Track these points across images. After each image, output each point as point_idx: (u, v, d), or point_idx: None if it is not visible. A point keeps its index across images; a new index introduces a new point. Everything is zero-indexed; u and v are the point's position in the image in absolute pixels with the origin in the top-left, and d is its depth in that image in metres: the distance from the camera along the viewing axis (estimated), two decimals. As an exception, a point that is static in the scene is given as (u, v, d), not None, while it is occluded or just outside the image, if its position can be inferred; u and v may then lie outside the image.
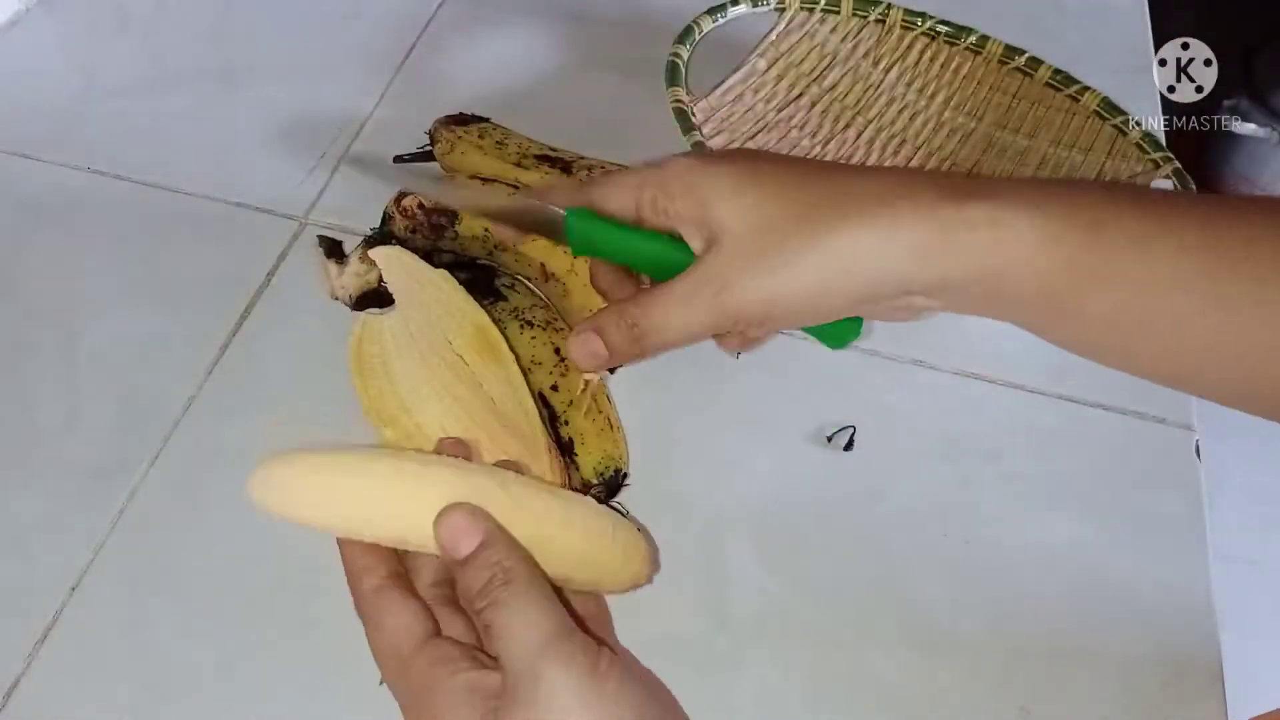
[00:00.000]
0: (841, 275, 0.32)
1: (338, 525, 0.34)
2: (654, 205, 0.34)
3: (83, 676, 0.41)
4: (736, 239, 0.33)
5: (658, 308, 0.34)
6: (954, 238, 0.31)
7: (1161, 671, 0.42)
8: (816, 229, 0.32)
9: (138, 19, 0.70)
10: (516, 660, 0.30)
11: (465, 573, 0.32)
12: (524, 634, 0.30)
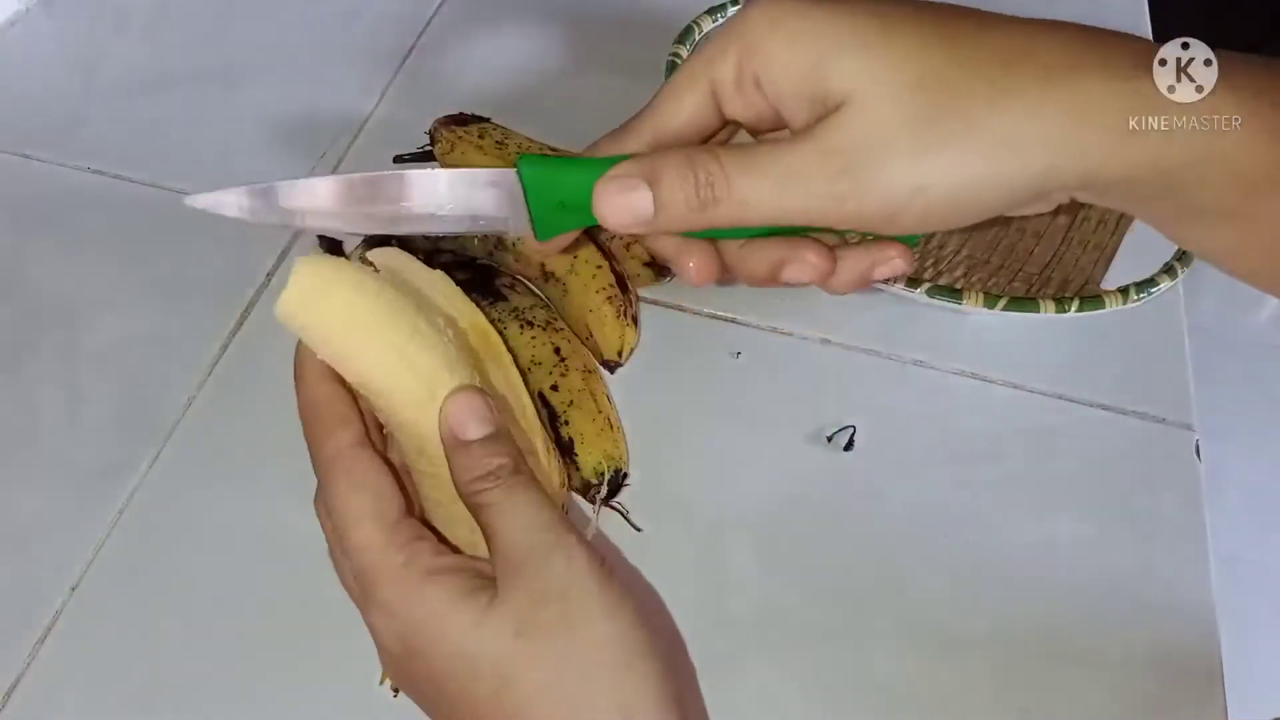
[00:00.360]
0: (1014, 162, 0.25)
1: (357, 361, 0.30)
2: (740, 80, 0.27)
3: (83, 676, 0.41)
4: (869, 106, 0.25)
5: (751, 175, 0.26)
6: (1157, 116, 0.25)
7: (1161, 671, 0.42)
8: (982, 99, 0.24)
9: (138, 19, 0.70)
10: (526, 533, 0.28)
11: (472, 454, 0.29)
12: (534, 513, 0.29)
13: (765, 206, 0.26)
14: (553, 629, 0.27)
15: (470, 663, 0.28)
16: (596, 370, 0.49)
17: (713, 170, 0.26)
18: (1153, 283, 0.49)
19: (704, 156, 0.26)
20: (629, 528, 0.45)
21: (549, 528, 0.28)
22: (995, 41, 0.25)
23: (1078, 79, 0.25)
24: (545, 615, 0.27)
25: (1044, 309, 0.48)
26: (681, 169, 0.27)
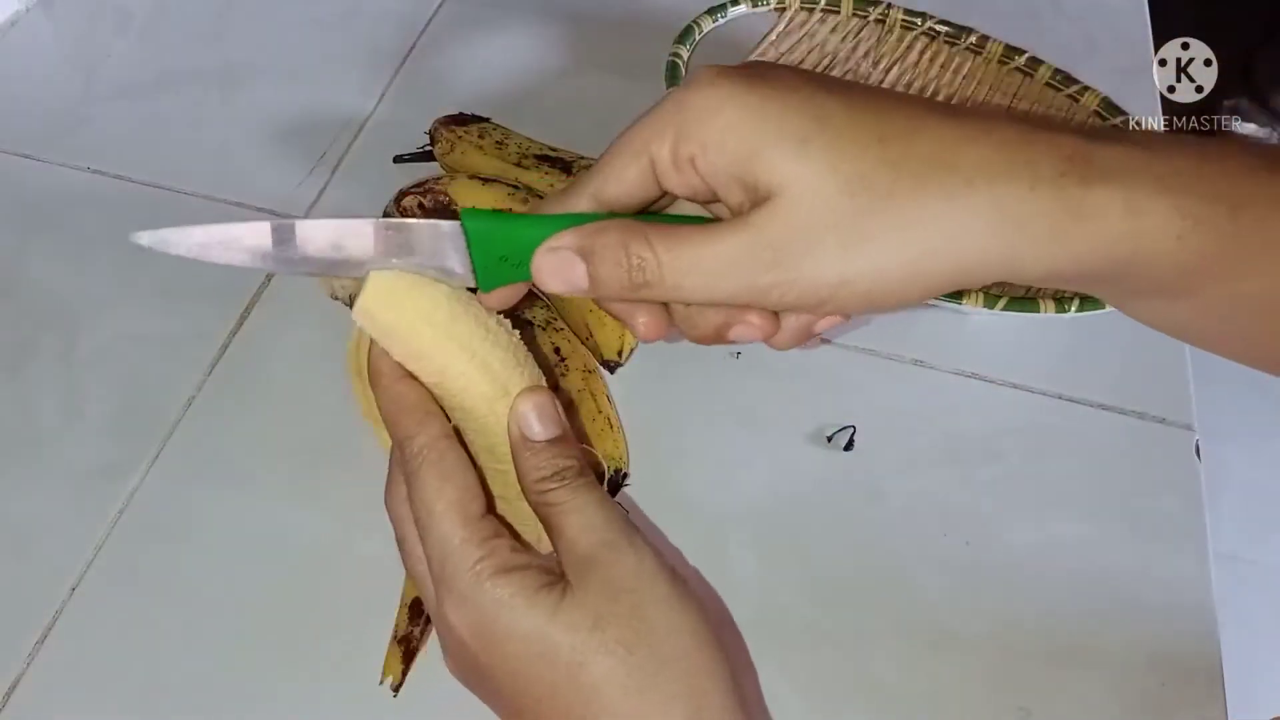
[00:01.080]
0: (936, 258, 0.26)
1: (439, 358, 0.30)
2: (677, 160, 0.27)
3: (83, 676, 0.41)
4: (800, 202, 0.26)
5: (681, 262, 0.27)
6: (1080, 224, 0.25)
7: (1161, 671, 0.42)
8: (908, 199, 0.25)
9: (138, 19, 0.70)
10: (596, 530, 0.29)
11: (540, 454, 0.30)
12: (602, 512, 0.30)
13: (696, 292, 0.27)
14: (627, 620, 0.28)
15: (547, 649, 0.28)
16: (596, 370, 0.49)
17: (645, 255, 0.27)
18: (1153, 283, 0.49)
19: (637, 240, 0.27)
20: (629, 528, 0.45)
21: (616, 526, 0.30)
22: (925, 144, 0.26)
23: (1000, 188, 0.25)
24: (619, 608, 0.28)
25: (1044, 309, 0.48)
26: (615, 250, 0.27)
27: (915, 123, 0.26)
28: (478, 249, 0.29)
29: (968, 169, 0.25)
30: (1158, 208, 0.25)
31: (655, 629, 0.28)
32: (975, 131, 0.26)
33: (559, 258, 0.28)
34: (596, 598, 0.29)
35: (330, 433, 0.48)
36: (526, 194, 0.50)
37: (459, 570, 0.29)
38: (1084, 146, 0.26)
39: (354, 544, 0.44)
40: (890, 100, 0.27)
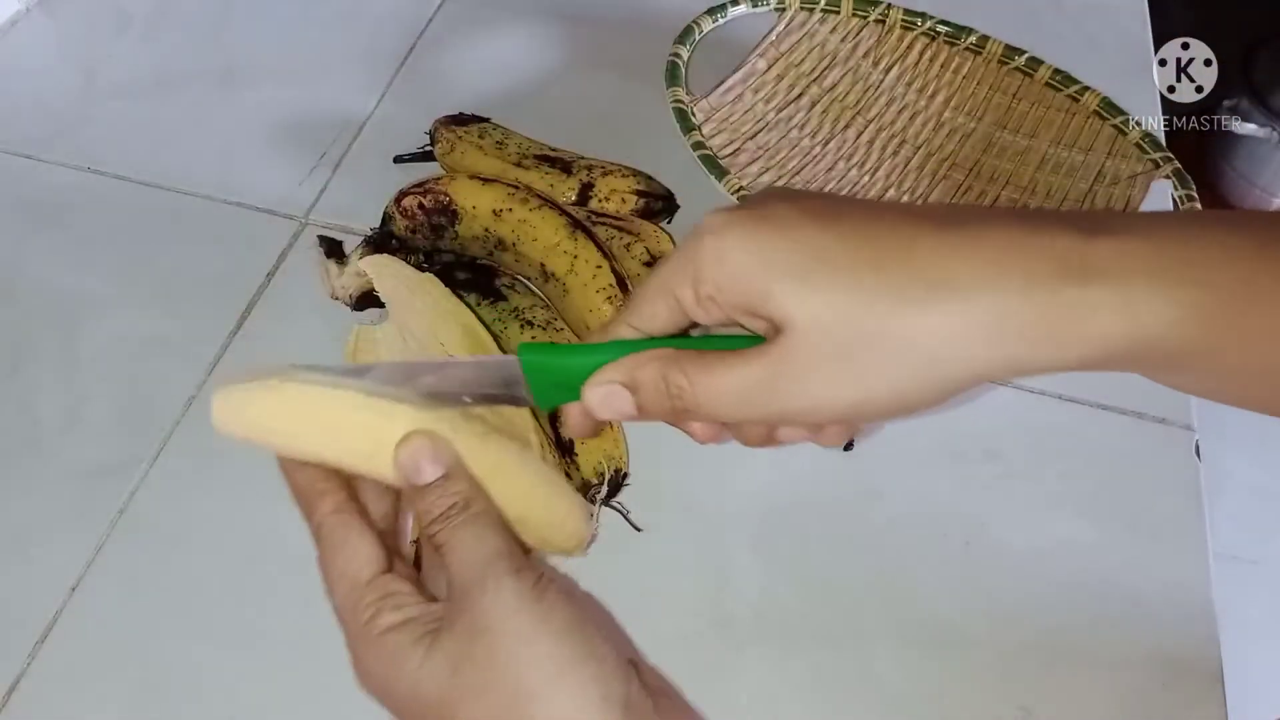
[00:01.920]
0: (939, 369, 0.28)
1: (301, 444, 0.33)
2: (699, 299, 0.29)
3: (83, 676, 0.41)
4: (808, 336, 0.28)
5: (715, 389, 0.29)
6: (1078, 326, 0.27)
7: (1161, 671, 0.42)
8: (909, 320, 0.27)
9: (138, 19, 0.70)
10: (466, 569, 0.30)
11: (425, 497, 0.32)
12: (476, 548, 0.31)
13: (730, 415, 0.30)
14: (483, 661, 0.29)
15: (421, 698, 0.30)
16: (596, 370, 0.49)
17: (681, 385, 0.30)
18: (1152, 283, 0.49)
19: (674, 372, 0.30)
20: (629, 528, 0.45)
21: (482, 563, 0.30)
22: (921, 263, 0.27)
23: (998, 299, 0.27)
24: (476, 649, 0.29)
25: (1044, 309, 0.48)
26: (656, 382, 0.30)
27: (909, 242, 0.28)
28: (533, 378, 0.32)
29: (964, 283, 0.27)
30: (1153, 302, 0.26)
31: (509, 667, 0.29)
32: (969, 242, 0.27)
33: (607, 390, 0.31)
34: (457, 642, 0.30)
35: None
36: (526, 194, 0.50)
37: (349, 634, 0.32)
38: (1079, 246, 0.27)
39: (354, 544, 0.44)
40: (885, 222, 0.28)
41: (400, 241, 0.52)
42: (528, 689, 0.29)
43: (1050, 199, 0.58)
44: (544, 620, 0.30)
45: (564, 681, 0.29)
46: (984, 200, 0.59)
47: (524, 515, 0.34)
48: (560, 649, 0.29)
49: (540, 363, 0.31)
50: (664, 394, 0.30)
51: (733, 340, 0.30)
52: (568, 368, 0.31)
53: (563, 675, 0.29)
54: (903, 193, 0.60)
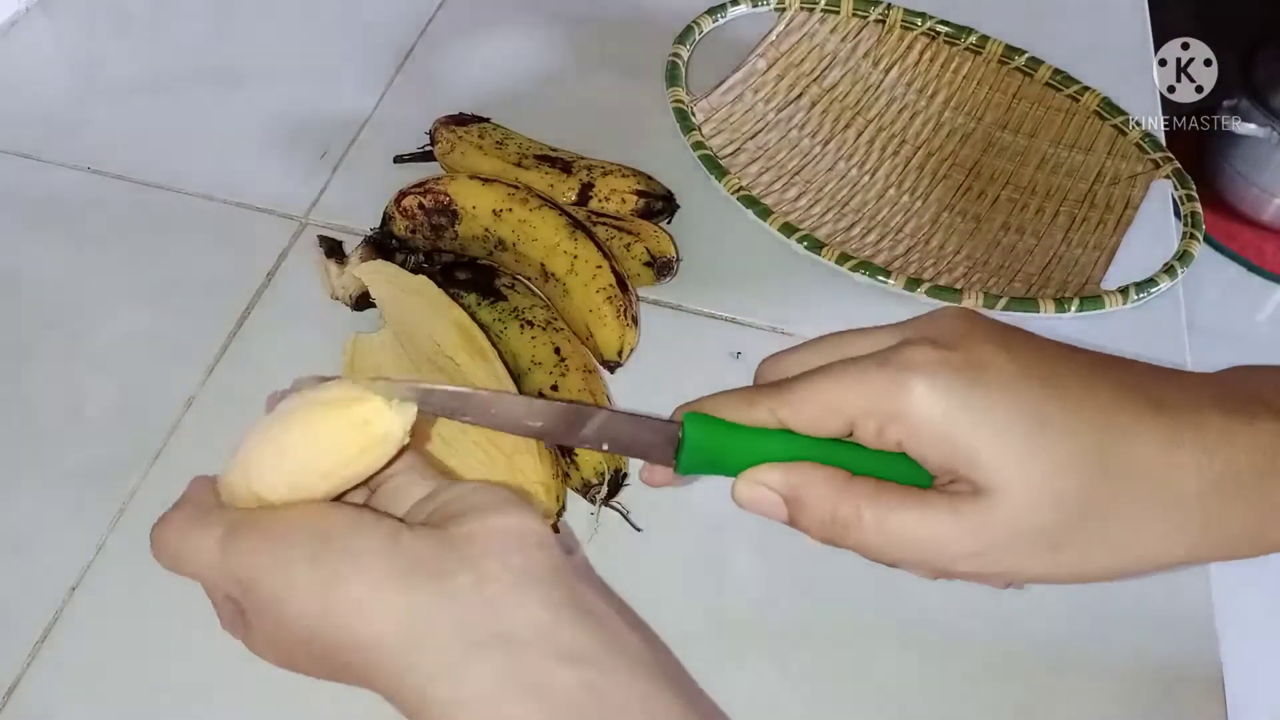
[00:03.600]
0: (1139, 562, 0.27)
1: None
2: (881, 436, 0.27)
3: (83, 676, 0.41)
4: (1015, 509, 0.26)
5: (890, 533, 0.28)
6: (1269, 526, 0.27)
7: (1161, 672, 0.42)
8: (1120, 516, 0.27)
9: (138, 19, 0.70)
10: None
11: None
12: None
13: (896, 560, 0.29)
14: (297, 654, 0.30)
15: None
16: (596, 370, 0.49)
17: (851, 522, 0.28)
18: (1152, 283, 0.49)
19: (847, 505, 0.28)
20: (629, 528, 0.45)
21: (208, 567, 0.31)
22: (1138, 457, 0.26)
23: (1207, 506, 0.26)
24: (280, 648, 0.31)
25: (1044, 309, 0.48)
26: (821, 508, 0.28)
27: (1128, 427, 0.27)
28: (688, 448, 0.30)
29: (1176, 483, 0.26)
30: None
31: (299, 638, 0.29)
32: (1182, 433, 0.27)
33: (762, 494, 0.29)
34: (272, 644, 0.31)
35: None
36: (526, 194, 0.50)
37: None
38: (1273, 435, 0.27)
39: (354, 544, 0.44)
40: (1106, 398, 0.27)
41: (400, 241, 0.52)
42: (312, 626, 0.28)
43: (1050, 199, 0.59)
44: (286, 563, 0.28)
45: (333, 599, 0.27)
46: (983, 200, 0.60)
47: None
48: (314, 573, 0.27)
49: (702, 439, 0.29)
50: (827, 523, 0.28)
51: (902, 468, 0.28)
52: (728, 446, 0.29)
53: (328, 594, 0.27)
54: (903, 192, 0.60)
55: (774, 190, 0.59)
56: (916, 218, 0.59)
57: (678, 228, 0.56)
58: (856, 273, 0.49)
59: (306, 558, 0.28)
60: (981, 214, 0.59)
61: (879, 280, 0.49)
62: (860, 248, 0.57)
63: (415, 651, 0.26)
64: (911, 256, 0.57)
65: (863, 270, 0.49)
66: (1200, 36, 0.61)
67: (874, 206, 0.60)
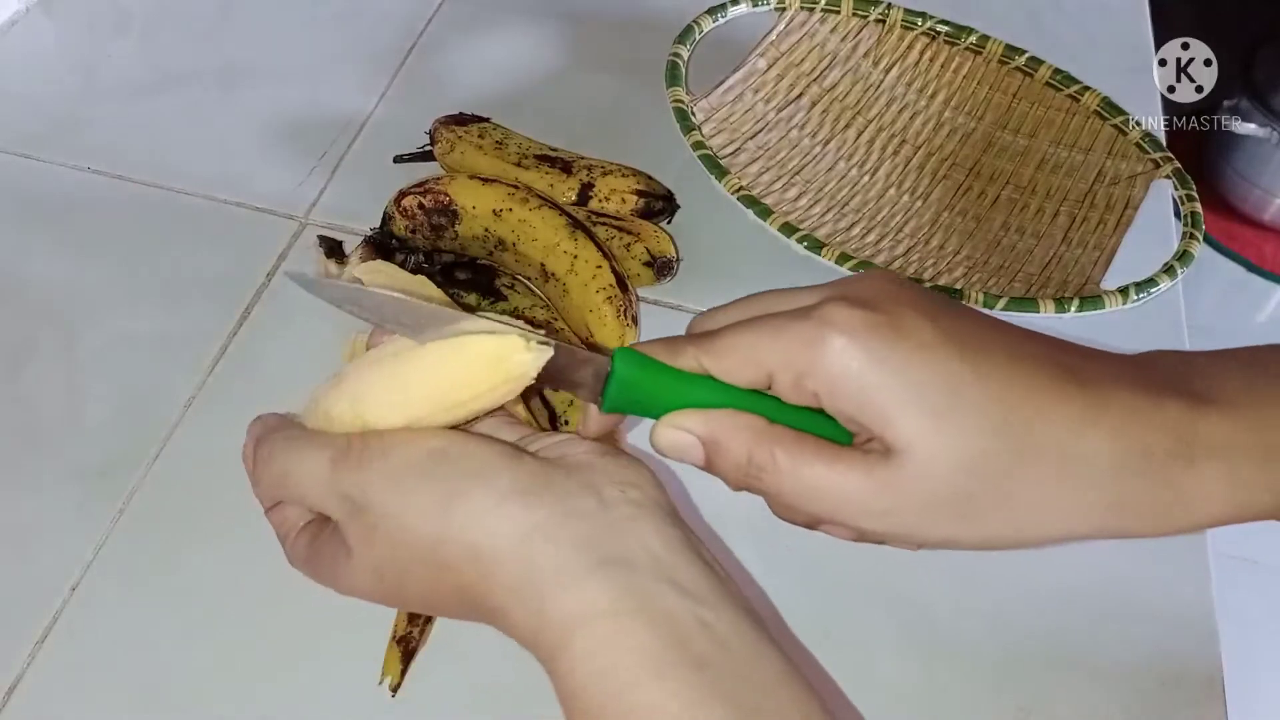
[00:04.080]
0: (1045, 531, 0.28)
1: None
2: (798, 389, 0.28)
3: (83, 676, 0.41)
4: (923, 472, 0.27)
5: (804, 483, 0.28)
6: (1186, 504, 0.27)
7: (1161, 672, 0.42)
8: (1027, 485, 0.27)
9: (137, 19, 0.70)
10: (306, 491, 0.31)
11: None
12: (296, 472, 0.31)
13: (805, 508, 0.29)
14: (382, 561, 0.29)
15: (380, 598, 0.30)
16: (596, 370, 0.49)
17: (765, 467, 0.28)
18: (1152, 283, 0.49)
19: (762, 451, 0.28)
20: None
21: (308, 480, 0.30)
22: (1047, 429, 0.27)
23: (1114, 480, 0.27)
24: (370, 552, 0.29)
25: (1044, 309, 0.48)
26: (738, 453, 0.29)
27: (1041, 401, 0.27)
28: (615, 383, 0.30)
29: (1084, 460, 0.27)
30: (1259, 479, 0.27)
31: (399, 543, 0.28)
32: (1096, 407, 0.27)
33: (680, 437, 0.29)
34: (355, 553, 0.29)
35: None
36: (526, 194, 0.50)
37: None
38: (1189, 421, 0.27)
39: (354, 544, 0.44)
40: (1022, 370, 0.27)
41: (400, 241, 0.52)
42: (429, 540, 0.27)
43: (1050, 199, 0.58)
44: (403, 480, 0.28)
45: (454, 512, 0.27)
46: (984, 200, 0.59)
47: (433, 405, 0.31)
48: (433, 489, 0.28)
49: (631, 374, 0.30)
50: (741, 468, 0.29)
51: (825, 426, 0.28)
52: (653, 387, 0.30)
53: (448, 508, 0.27)
54: (903, 192, 0.60)
55: (774, 190, 0.59)
56: (916, 218, 0.59)
57: (678, 228, 0.56)
58: (857, 273, 0.49)
59: (425, 472, 0.28)
60: (981, 214, 0.59)
61: (879, 280, 0.49)
62: (860, 248, 0.57)
63: (535, 565, 0.27)
64: (911, 256, 0.57)
65: (863, 270, 0.49)
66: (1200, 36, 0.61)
67: (874, 206, 0.60)
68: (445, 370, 0.29)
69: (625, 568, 0.26)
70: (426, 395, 0.29)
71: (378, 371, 0.30)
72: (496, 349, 0.28)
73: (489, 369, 0.29)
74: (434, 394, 0.29)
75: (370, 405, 0.30)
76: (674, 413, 0.29)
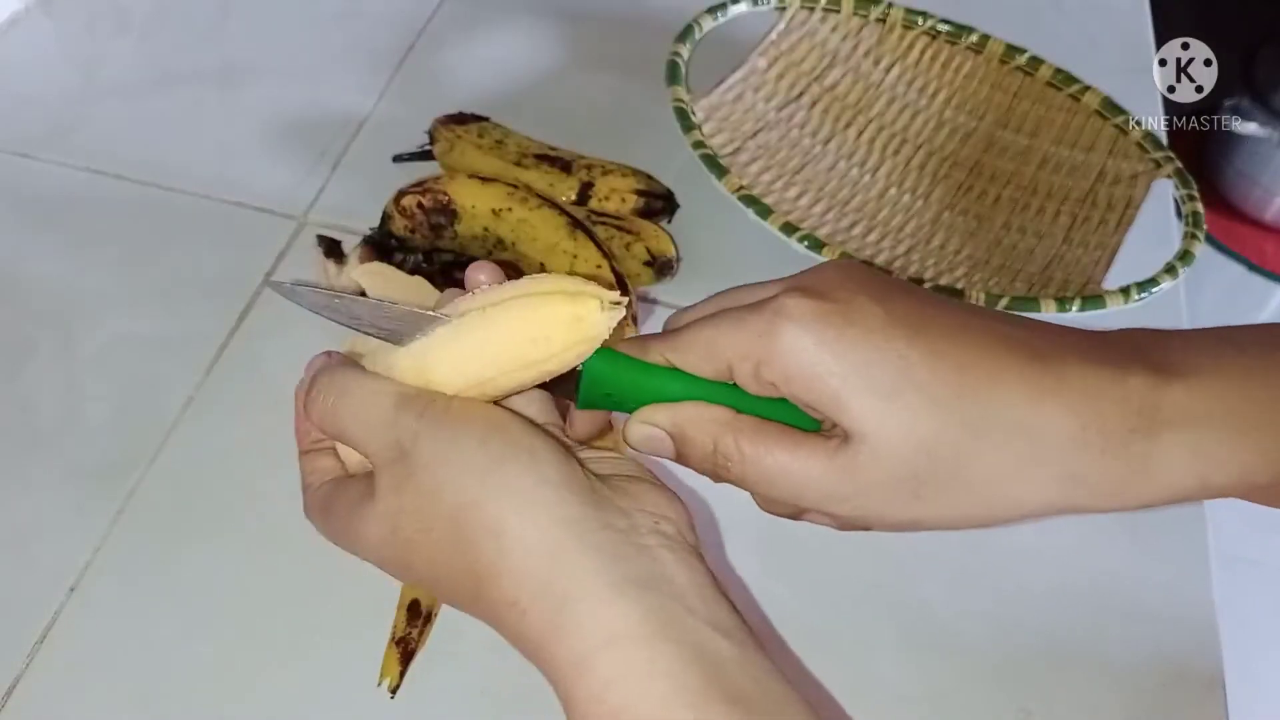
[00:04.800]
0: (1005, 507, 0.28)
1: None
2: (758, 380, 0.28)
3: (83, 676, 0.41)
4: (879, 454, 0.27)
5: (769, 470, 0.28)
6: (1147, 478, 0.27)
7: (1161, 672, 0.42)
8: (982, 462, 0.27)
9: (137, 19, 0.70)
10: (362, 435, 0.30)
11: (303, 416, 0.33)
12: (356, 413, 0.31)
13: (772, 494, 0.29)
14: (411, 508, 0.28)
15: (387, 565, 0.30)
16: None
17: (731, 456, 0.29)
18: (1154, 282, 0.49)
19: (726, 440, 0.29)
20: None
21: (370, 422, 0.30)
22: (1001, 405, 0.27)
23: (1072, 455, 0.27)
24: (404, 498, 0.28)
25: (1045, 308, 0.48)
26: (704, 443, 0.29)
27: (994, 377, 0.27)
28: (586, 380, 0.30)
29: (1040, 435, 0.27)
30: (1222, 451, 0.27)
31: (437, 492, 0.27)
32: (1051, 383, 0.27)
33: (650, 432, 0.30)
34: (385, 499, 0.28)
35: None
36: (526, 193, 0.50)
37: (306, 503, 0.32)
38: (1152, 393, 0.27)
39: (354, 544, 0.44)
40: (973, 345, 0.27)
41: (399, 241, 0.52)
42: (460, 500, 0.27)
43: (1051, 198, 0.58)
44: (456, 437, 0.28)
45: (493, 479, 0.27)
46: (985, 200, 0.59)
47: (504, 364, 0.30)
48: (481, 453, 0.27)
49: (600, 370, 0.30)
50: (709, 458, 0.29)
51: (789, 412, 0.29)
52: (625, 383, 0.30)
53: (490, 474, 0.27)
54: (904, 191, 0.60)
55: (774, 189, 0.59)
56: (917, 217, 0.59)
57: (678, 227, 0.56)
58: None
59: (478, 437, 0.28)
60: (983, 213, 0.59)
61: (879, 280, 0.49)
62: (861, 247, 0.57)
63: (560, 562, 0.26)
64: (913, 256, 0.57)
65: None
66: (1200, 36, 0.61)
67: (875, 206, 0.60)
68: (522, 329, 0.29)
69: (655, 592, 0.26)
70: (499, 354, 0.29)
71: (447, 329, 0.29)
72: (574, 309, 0.28)
73: (566, 329, 0.28)
74: (508, 353, 0.29)
75: (438, 361, 0.29)
76: (643, 409, 0.30)
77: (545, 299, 0.29)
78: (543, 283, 0.29)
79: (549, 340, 0.28)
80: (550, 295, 0.29)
